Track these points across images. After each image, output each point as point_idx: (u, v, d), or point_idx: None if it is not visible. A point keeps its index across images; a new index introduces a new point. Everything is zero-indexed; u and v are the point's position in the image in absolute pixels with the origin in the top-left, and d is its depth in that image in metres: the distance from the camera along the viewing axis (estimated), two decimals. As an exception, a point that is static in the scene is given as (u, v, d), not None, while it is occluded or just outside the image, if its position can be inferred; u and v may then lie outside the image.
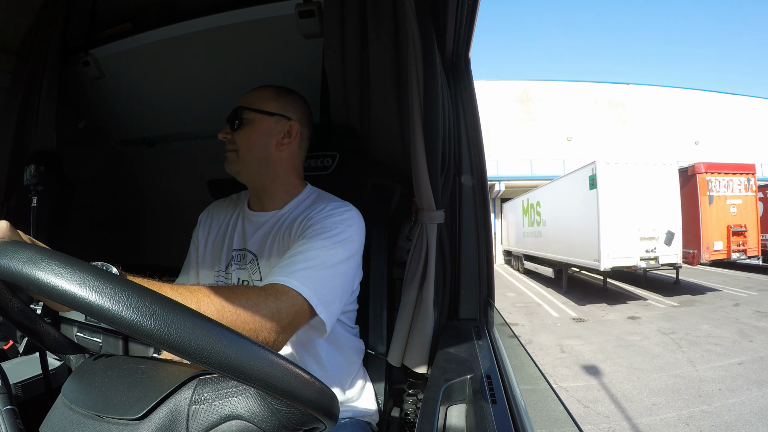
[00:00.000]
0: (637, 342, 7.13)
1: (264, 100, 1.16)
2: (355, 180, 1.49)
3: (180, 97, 2.06)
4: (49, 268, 0.40)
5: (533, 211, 15.23)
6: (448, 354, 1.17)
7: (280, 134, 1.16)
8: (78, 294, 0.39)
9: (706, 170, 11.51)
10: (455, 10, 1.23)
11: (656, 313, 9.16)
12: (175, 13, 1.80)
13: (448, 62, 1.46)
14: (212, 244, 1.27)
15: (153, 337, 0.40)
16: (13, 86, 2.08)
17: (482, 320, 1.43)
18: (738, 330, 7.44)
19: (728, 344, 6.71)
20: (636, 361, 6.19)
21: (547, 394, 1.22)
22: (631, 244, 10.02)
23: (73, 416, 0.57)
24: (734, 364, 5.81)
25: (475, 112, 1.48)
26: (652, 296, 11.06)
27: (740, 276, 13.60)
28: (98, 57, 1.94)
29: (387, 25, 1.38)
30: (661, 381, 5.41)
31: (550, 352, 6.81)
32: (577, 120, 24.27)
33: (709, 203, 11.41)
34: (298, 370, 0.48)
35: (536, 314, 9.73)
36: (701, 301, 10.09)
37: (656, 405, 4.74)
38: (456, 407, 0.99)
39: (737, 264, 13.78)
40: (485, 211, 1.46)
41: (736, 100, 25.09)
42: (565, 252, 11.99)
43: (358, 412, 1.26)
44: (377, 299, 1.43)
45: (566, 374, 5.82)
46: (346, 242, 1.02)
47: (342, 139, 1.50)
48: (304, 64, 1.69)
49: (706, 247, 11.33)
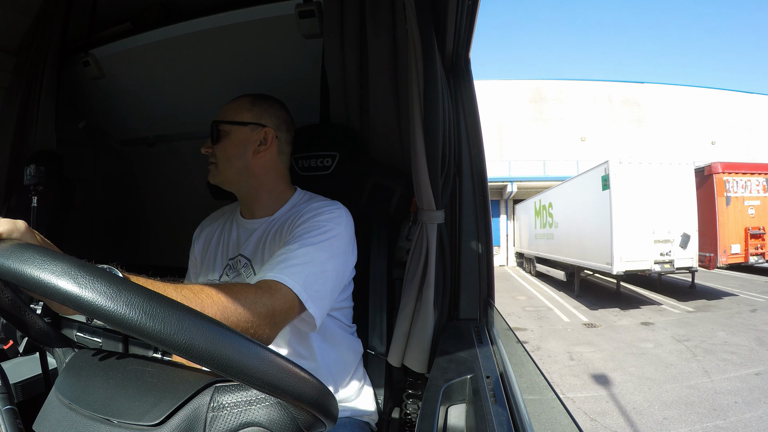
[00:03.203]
0: (650, 350, 7.01)
1: (238, 111, 1.22)
2: (355, 180, 1.53)
3: (180, 97, 2.10)
4: (67, 276, 0.40)
5: (545, 213, 15.12)
6: (448, 354, 1.19)
7: (255, 142, 1.21)
8: (92, 301, 0.40)
9: (723, 170, 11.35)
10: (455, 10, 1.26)
11: (671, 319, 9.03)
12: (175, 13, 1.84)
13: (448, 62, 1.49)
14: (207, 256, 1.32)
15: (161, 340, 0.41)
16: (12, 86, 2.11)
17: (482, 320, 1.46)
18: (755, 337, 7.31)
19: (745, 353, 6.59)
20: (648, 371, 6.09)
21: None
22: (645, 247, 9.86)
23: (76, 417, 0.58)
24: (751, 375, 5.69)
25: (475, 112, 1.51)
26: (666, 301, 10.90)
27: (758, 280, 13.33)
28: (98, 57, 1.97)
29: (387, 25, 1.42)
30: (673, 392, 5.30)
31: (559, 360, 6.74)
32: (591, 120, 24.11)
33: (726, 204, 11.24)
34: (298, 369, 0.49)
35: (546, 319, 9.64)
36: (717, 306, 9.92)
37: (668, 419, 4.64)
38: (456, 407, 1.01)
39: (754, 268, 13.64)
40: (485, 211, 1.49)
41: (754, 99, 24.83)
42: (577, 255, 11.87)
43: (357, 412, 1.29)
44: (377, 299, 1.46)
45: (574, 384, 5.76)
46: (334, 239, 1.08)
47: (342, 139, 1.53)
48: (304, 64, 1.72)
49: (723, 250, 11.16)
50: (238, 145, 1.20)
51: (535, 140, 23.78)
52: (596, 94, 24.64)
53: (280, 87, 1.53)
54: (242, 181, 1.23)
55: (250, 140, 1.21)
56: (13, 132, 2.07)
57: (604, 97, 24.62)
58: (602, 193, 10.26)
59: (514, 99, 24.16)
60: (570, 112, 24.20)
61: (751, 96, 25.03)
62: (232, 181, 1.24)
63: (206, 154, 1.23)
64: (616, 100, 24.57)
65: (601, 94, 24.67)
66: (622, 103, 24.52)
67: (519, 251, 21.04)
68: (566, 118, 24.18)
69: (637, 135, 23.95)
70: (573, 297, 12.02)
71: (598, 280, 14.37)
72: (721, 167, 11.42)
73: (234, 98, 1.27)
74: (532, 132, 24.00)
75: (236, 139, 1.20)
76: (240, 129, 1.21)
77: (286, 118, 1.30)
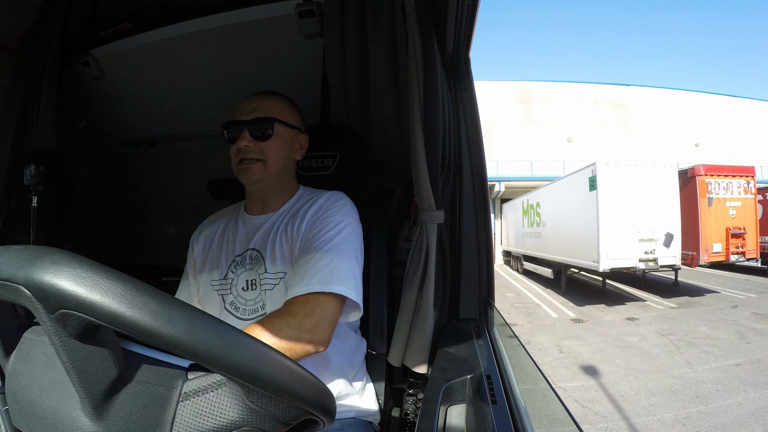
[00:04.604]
0: (636, 343, 7.14)
1: (286, 112, 1.21)
2: (355, 180, 1.49)
3: (180, 97, 2.05)
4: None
5: (533, 212, 15.20)
6: (448, 354, 1.17)
7: (297, 146, 1.25)
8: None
9: (705, 172, 11.49)
10: (455, 10, 1.22)
11: (655, 315, 9.16)
12: (175, 13, 1.79)
13: (448, 62, 1.45)
14: (209, 256, 1.27)
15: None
16: (13, 86, 2.05)
17: (482, 320, 1.42)
18: (736, 332, 7.45)
19: (726, 346, 6.72)
20: (634, 362, 6.22)
21: (546, 393, 1.22)
22: (630, 245, 10.02)
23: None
24: (731, 366, 5.85)
25: (475, 112, 1.48)
26: (650, 297, 11.04)
27: (739, 278, 13.58)
28: (98, 57, 1.93)
29: (387, 25, 1.38)
30: (658, 382, 5.44)
31: (549, 353, 6.82)
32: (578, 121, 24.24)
33: (708, 205, 11.38)
34: (294, 365, 0.48)
35: (535, 315, 9.72)
36: (700, 303, 10.08)
37: (653, 405, 4.78)
38: (456, 407, 0.99)
39: (737, 266, 13.87)
40: (485, 211, 1.45)
41: (737, 103, 25.08)
42: (564, 253, 11.97)
43: (361, 412, 1.25)
44: (377, 299, 1.42)
45: (564, 374, 5.87)
46: (347, 227, 1.12)
47: (342, 139, 1.50)
48: (304, 64, 1.68)
49: (705, 249, 11.30)
50: (287, 146, 1.21)
51: (523, 140, 23.87)
52: (583, 95, 24.78)
53: (280, 87, 1.47)
54: (279, 179, 1.22)
55: (294, 143, 1.23)
56: (13, 132, 2.01)
57: (591, 98, 24.76)
58: (589, 193, 10.39)
59: (502, 100, 24.25)
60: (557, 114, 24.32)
61: (734, 99, 25.29)
62: (271, 180, 1.20)
63: (246, 149, 1.14)
64: (603, 101, 24.71)
65: (588, 96, 24.82)
66: (608, 105, 24.67)
67: (506, 249, 21.11)
68: (554, 119, 24.28)
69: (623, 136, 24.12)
70: (560, 294, 12.13)
71: (585, 277, 14.46)
72: (704, 170, 11.56)
73: (264, 93, 1.22)
74: (520, 132, 24.09)
75: (287, 139, 1.20)
76: (289, 131, 1.21)
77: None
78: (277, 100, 1.22)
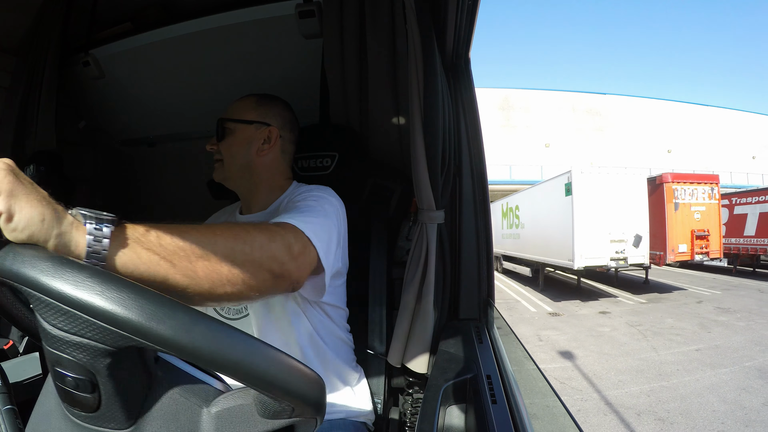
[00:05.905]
0: (607, 332, 7.38)
1: (243, 109, 1.16)
2: (355, 180, 1.42)
3: (180, 97, 1.95)
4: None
5: (512, 215, 15.30)
6: (448, 354, 1.10)
7: (259, 140, 1.14)
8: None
9: (672, 180, 11.72)
10: (455, 10, 1.15)
11: (625, 309, 9.34)
12: (175, 13, 1.69)
13: (448, 62, 1.37)
14: None
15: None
16: (12, 86, 1.93)
17: (482, 320, 1.34)
18: (699, 323, 7.65)
19: (688, 335, 6.97)
20: (605, 348, 6.53)
21: (546, 393, 1.17)
22: (602, 245, 10.24)
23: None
24: (692, 351, 6.15)
25: (475, 112, 1.40)
26: (622, 294, 11.20)
27: (707, 277, 13.86)
28: (98, 57, 1.82)
29: (387, 25, 1.30)
30: (626, 363, 5.80)
31: (529, 341, 7.02)
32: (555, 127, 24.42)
33: (674, 210, 11.59)
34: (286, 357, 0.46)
35: (515, 309, 9.82)
36: (667, 299, 10.25)
37: (622, 381, 5.18)
38: (456, 407, 0.95)
39: (705, 266, 14.26)
40: (485, 211, 1.37)
41: (707, 111, 25.51)
42: (542, 252, 12.11)
43: (352, 412, 1.18)
44: (377, 299, 1.35)
45: (544, 358, 6.17)
46: (327, 205, 0.98)
47: (342, 139, 1.42)
48: (304, 64, 1.59)
49: (671, 249, 11.51)
50: (243, 143, 1.13)
51: (502, 146, 23.96)
52: (561, 103, 24.96)
53: (280, 87, 1.40)
54: (245, 177, 1.15)
55: (254, 138, 1.13)
56: (13, 132, 1.90)
57: (569, 106, 24.95)
58: (565, 198, 10.60)
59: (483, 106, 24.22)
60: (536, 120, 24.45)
61: (704, 108, 25.73)
62: (235, 178, 1.16)
63: (211, 151, 1.16)
64: (580, 109, 24.92)
65: (565, 103, 25.00)
66: (585, 113, 24.89)
67: (486, 250, 21.14)
68: (532, 126, 24.42)
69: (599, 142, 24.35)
70: (538, 291, 12.26)
71: (561, 276, 14.59)
72: (671, 177, 11.79)
73: (240, 97, 1.19)
74: (499, 138, 24.16)
75: (241, 136, 1.13)
76: (245, 127, 1.14)
77: (290, 117, 1.22)
78: (242, 100, 1.18)
